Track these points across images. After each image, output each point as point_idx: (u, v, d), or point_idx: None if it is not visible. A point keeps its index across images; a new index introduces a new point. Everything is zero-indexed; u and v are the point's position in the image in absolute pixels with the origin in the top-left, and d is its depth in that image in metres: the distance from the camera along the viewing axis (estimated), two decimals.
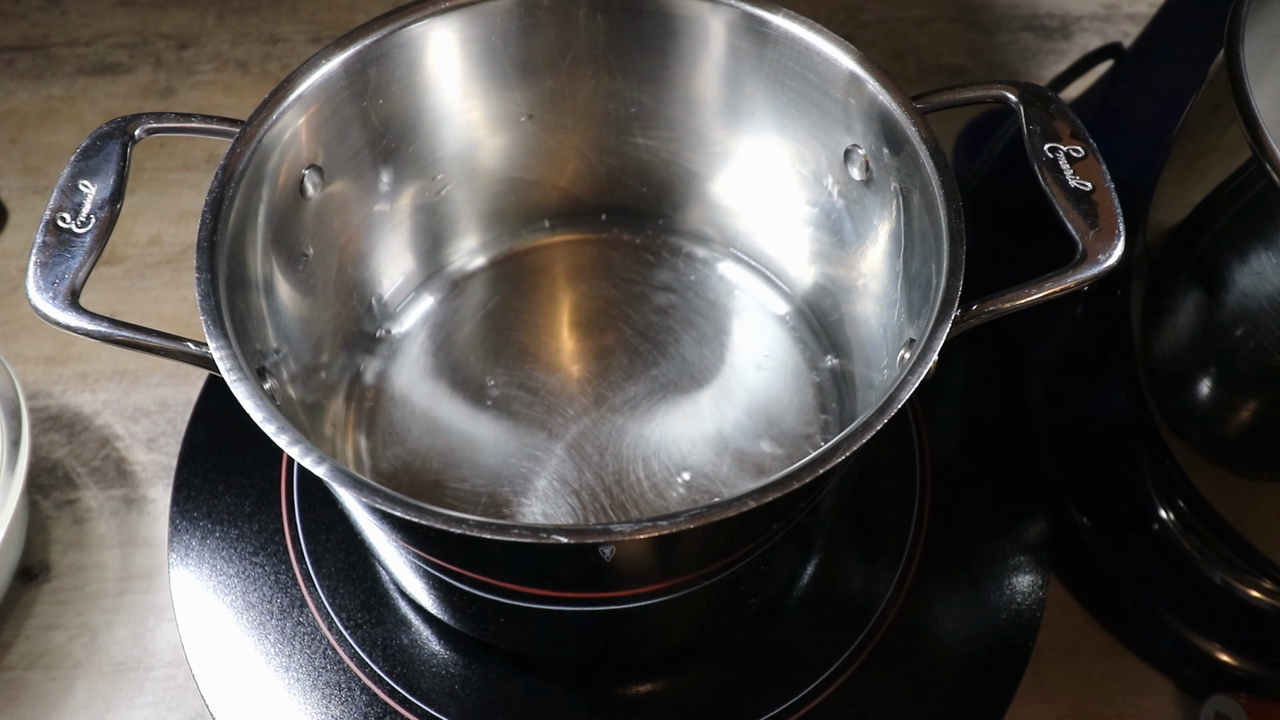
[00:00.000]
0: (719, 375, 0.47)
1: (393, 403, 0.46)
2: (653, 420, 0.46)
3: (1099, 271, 0.34)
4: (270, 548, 0.47)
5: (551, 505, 0.44)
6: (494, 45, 0.43)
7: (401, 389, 0.47)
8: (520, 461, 0.45)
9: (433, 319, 0.49)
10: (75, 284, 0.34)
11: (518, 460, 0.45)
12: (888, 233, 0.42)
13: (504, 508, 0.44)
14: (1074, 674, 0.49)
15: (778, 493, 0.30)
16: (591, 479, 0.45)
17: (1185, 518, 0.48)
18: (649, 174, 0.50)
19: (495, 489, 0.45)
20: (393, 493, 0.30)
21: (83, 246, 0.35)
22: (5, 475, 0.46)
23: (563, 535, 0.30)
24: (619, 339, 0.47)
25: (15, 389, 0.48)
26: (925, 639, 0.45)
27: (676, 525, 0.30)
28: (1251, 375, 0.38)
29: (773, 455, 0.45)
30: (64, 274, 0.34)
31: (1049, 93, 0.38)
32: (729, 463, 0.45)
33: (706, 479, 0.45)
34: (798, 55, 0.41)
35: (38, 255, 0.34)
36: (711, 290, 0.49)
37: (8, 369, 0.49)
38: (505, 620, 0.40)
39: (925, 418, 0.50)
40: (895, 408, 0.32)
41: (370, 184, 0.45)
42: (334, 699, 0.44)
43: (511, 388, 0.47)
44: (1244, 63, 0.34)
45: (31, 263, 0.34)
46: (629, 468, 0.45)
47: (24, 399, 0.48)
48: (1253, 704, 0.44)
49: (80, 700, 0.48)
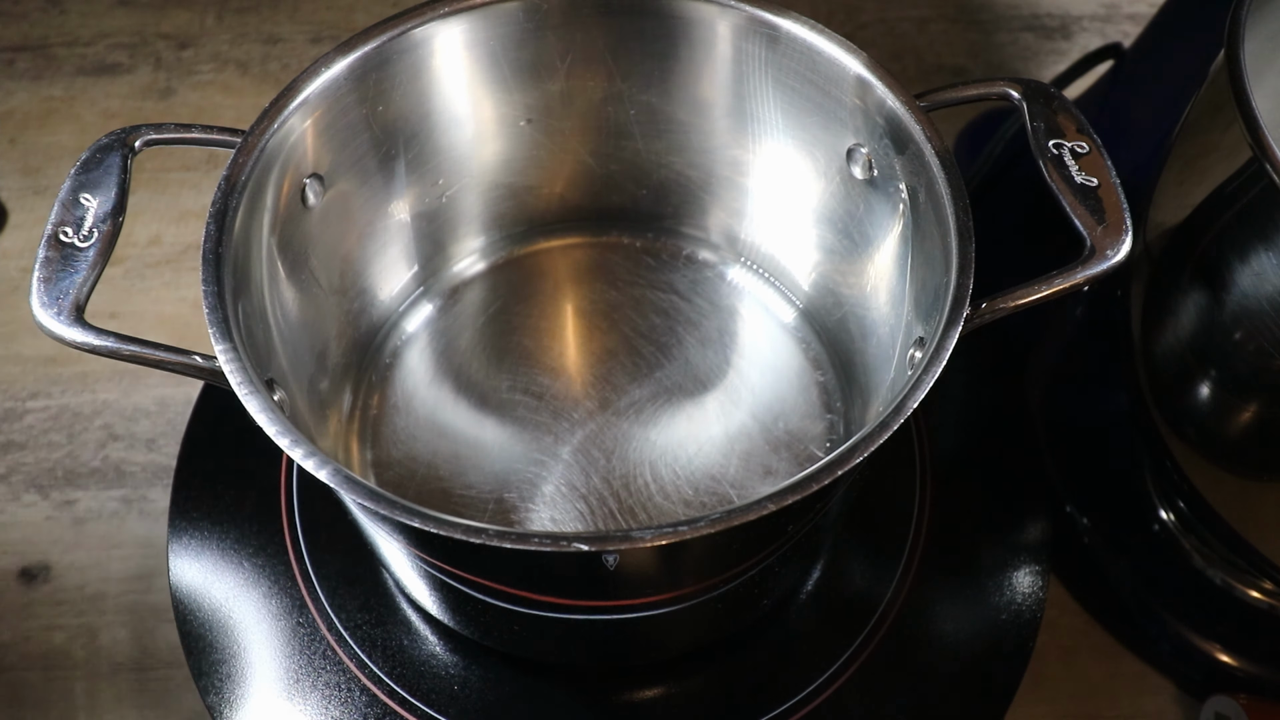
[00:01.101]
0: (723, 377, 0.47)
1: (396, 409, 0.46)
2: (658, 423, 0.46)
3: (1108, 267, 0.34)
4: (270, 548, 0.47)
5: (559, 511, 0.44)
6: (494, 50, 0.43)
7: (405, 395, 0.47)
8: (526, 467, 0.45)
9: (435, 324, 0.48)
10: (79, 299, 0.34)
11: (523, 465, 0.45)
12: (893, 232, 0.42)
13: (511, 514, 0.44)
14: (1074, 674, 0.49)
15: (796, 495, 0.30)
16: (599, 483, 0.45)
17: (1185, 518, 0.48)
18: (649, 177, 0.50)
19: (502, 494, 0.45)
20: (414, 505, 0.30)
21: (86, 261, 0.34)
22: None
23: (584, 543, 0.29)
24: (622, 342, 0.47)
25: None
26: (926, 639, 0.45)
27: (697, 530, 0.30)
28: (1251, 376, 0.38)
29: (779, 457, 0.45)
30: (68, 289, 0.34)
31: (1052, 89, 0.38)
32: (735, 464, 0.45)
33: (714, 481, 0.45)
34: (802, 57, 0.41)
35: (40, 271, 0.34)
36: (714, 292, 0.49)
37: None
38: (513, 626, 0.40)
39: (925, 418, 0.50)
40: (911, 407, 0.32)
41: (371, 191, 0.45)
42: (334, 699, 0.44)
43: (515, 392, 0.47)
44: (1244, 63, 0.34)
45: (35, 279, 0.34)
46: (636, 471, 0.45)
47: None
48: (1253, 704, 0.44)
49: (80, 700, 0.48)
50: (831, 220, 0.46)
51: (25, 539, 0.52)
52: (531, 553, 0.30)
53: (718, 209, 0.51)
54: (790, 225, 0.49)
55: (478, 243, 0.51)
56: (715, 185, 0.50)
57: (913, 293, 0.40)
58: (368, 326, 0.48)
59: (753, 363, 0.47)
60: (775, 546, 0.37)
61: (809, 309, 0.49)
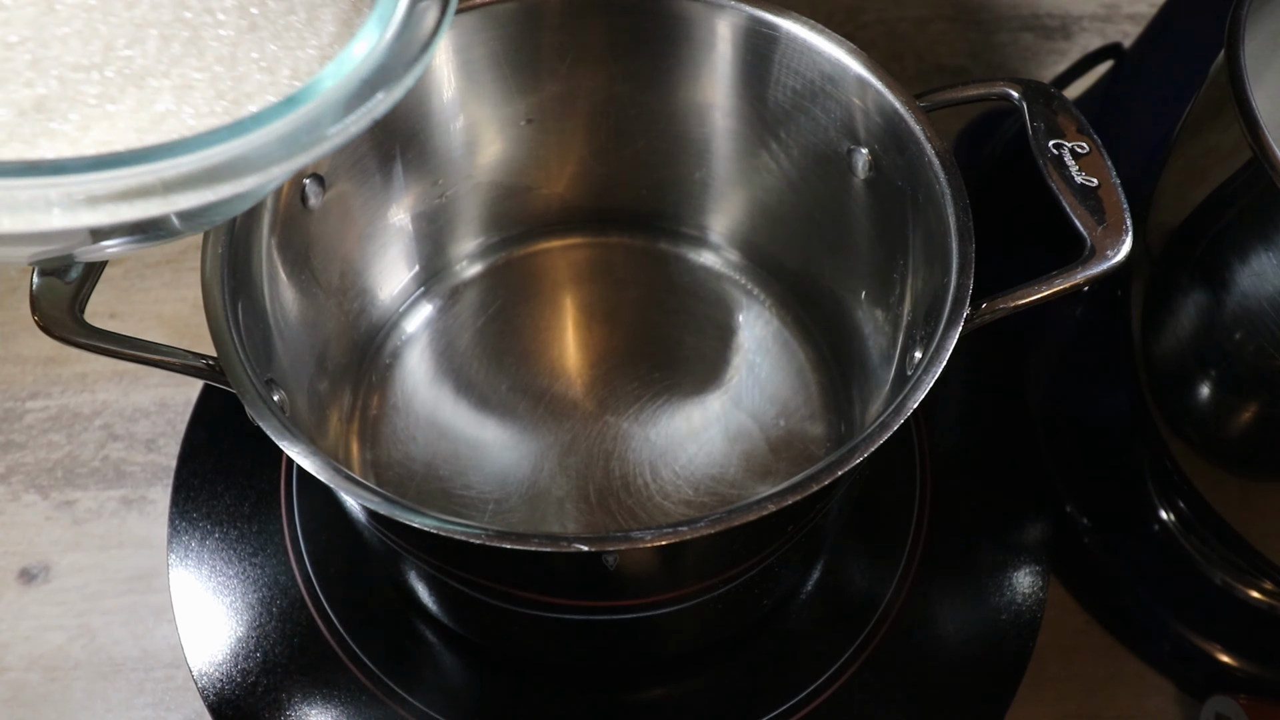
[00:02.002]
0: (723, 377, 0.47)
1: (396, 410, 0.46)
2: (657, 423, 0.46)
3: (1108, 267, 0.34)
4: (270, 548, 0.47)
5: (559, 511, 0.44)
6: (494, 50, 0.43)
7: (405, 395, 0.47)
8: (525, 467, 0.45)
9: (435, 325, 0.48)
10: (80, 298, 0.34)
11: (523, 465, 0.45)
12: (893, 232, 0.42)
13: (511, 514, 0.44)
14: (1074, 674, 0.49)
15: (796, 496, 0.30)
16: (599, 483, 0.44)
17: (1185, 518, 0.48)
18: (650, 177, 0.50)
19: (502, 495, 0.45)
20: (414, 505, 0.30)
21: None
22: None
23: (584, 543, 0.29)
24: (622, 342, 0.47)
25: None
26: (926, 639, 0.45)
27: (697, 530, 0.30)
28: (1251, 376, 0.38)
29: (779, 457, 0.45)
30: (68, 289, 0.34)
31: (1052, 89, 0.38)
32: (735, 465, 0.45)
33: (714, 481, 0.45)
34: (802, 57, 0.41)
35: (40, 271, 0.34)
36: (714, 292, 0.49)
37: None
38: (513, 626, 0.40)
39: (925, 418, 0.50)
40: (912, 407, 0.32)
41: (371, 191, 0.45)
42: (334, 700, 0.44)
43: (515, 393, 0.47)
44: (1244, 63, 0.34)
45: (35, 278, 0.34)
46: (635, 471, 0.45)
47: None
48: (1253, 704, 0.44)
49: (80, 700, 0.48)
50: (832, 220, 0.46)
51: (25, 539, 0.52)
52: (531, 553, 0.30)
53: (718, 209, 0.51)
54: (790, 225, 0.49)
55: (477, 243, 0.51)
56: (715, 185, 0.50)
57: (913, 293, 0.40)
58: (367, 327, 0.48)
59: (753, 363, 0.48)
60: (775, 547, 0.37)
61: (809, 309, 0.49)
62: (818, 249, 0.48)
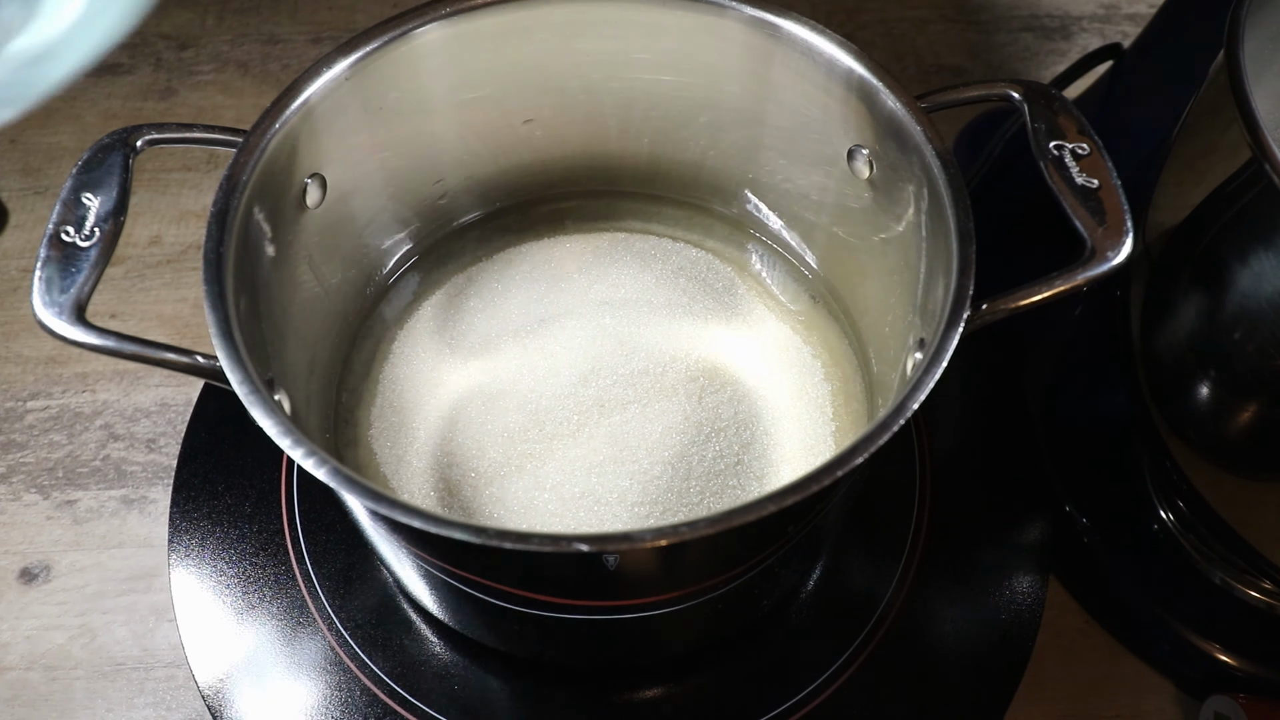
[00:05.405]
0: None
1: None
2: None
3: (1108, 269, 0.34)
4: (270, 548, 0.47)
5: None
6: (494, 49, 0.43)
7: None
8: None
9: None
10: (80, 298, 0.34)
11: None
12: (894, 233, 0.42)
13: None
14: (1074, 674, 0.49)
15: (796, 496, 0.30)
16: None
17: (1185, 518, 0.48)
18: (650, 176, 0.50)
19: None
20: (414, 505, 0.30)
21: (87, 260, 0.34)
22: None
23: (584, 543, 0.29)
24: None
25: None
26: (925, 639, 0.45)
27: (697, 530, 0.30)
28: (1251, 376, 0.38)
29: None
30: (69, 288, 0.34)
31: (1052, 90, 0.38)
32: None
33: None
34: (803, 57, 0.41)
35: (42, 270, 0.34)
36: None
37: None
38: (513, 626, 0.40)
39: (925, 418, 0.50)
40: (912, 408, 0.32)
41: (371, 190, 0.45)
42: (334, 699, 0.44)
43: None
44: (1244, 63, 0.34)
45: (36, 278, 0.34)
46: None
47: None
48: (1252, 704, 0.44)
49: (80, 700, 0.48)
50: (832, 221, 0.46)
51: (25, 539, 0.52)
52: (531, 553, 0.30)
53: (719, 208, 0.51)
54: (791, 226, 0.49)
55: (478, 241, 0.51)
56: (716, 185, 0.50)
57: (913, 294, 0.40)
58: (368, 325, 0.48)
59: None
60: (775, 547, 0.37)
61: (809, 309, 0.49)
62: (818, 249, 0.48)
